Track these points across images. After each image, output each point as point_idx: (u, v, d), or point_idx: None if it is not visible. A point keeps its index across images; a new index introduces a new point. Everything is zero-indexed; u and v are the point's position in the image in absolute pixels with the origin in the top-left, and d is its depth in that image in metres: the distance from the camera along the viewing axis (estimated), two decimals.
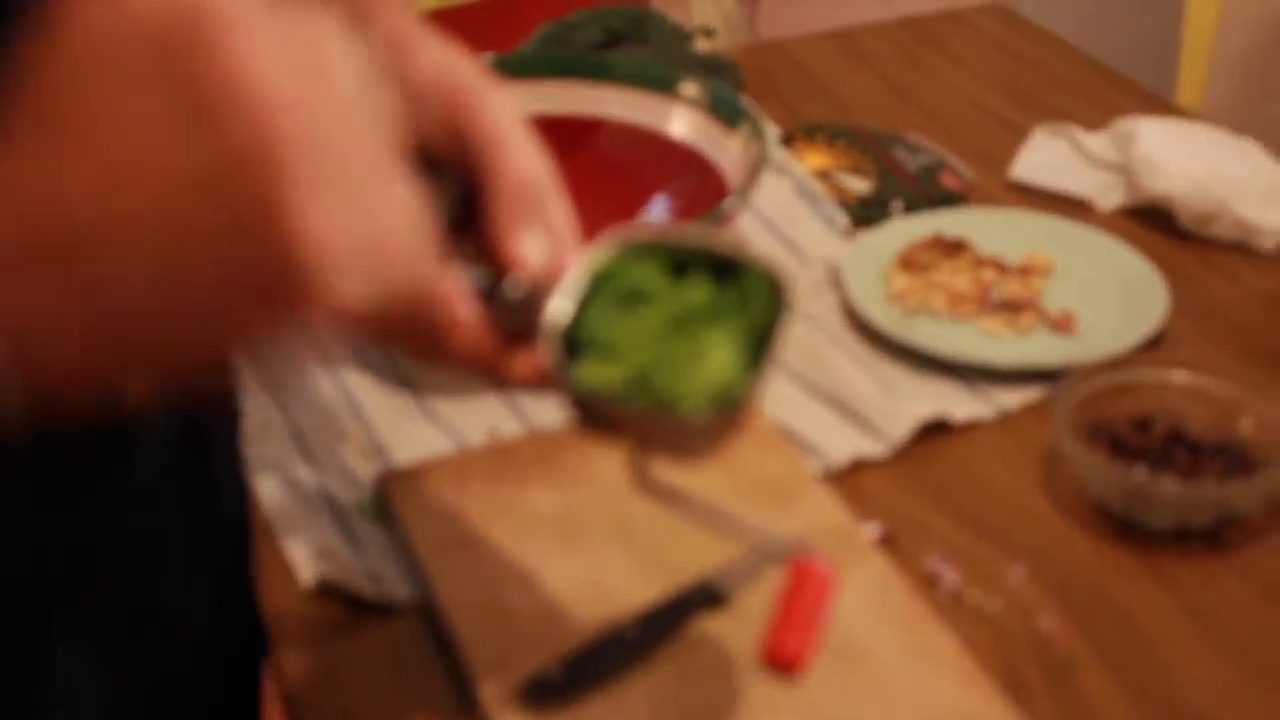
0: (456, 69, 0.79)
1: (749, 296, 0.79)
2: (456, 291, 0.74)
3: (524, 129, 0.78)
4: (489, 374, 0.78)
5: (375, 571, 1.09)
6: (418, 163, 0.79)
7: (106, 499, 0.79)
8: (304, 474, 1.18)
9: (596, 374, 0.78)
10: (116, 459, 0.78)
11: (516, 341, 0.78)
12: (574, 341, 0.78)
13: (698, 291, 0.79)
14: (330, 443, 1.22)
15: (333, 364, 1.29)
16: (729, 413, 0.76)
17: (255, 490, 1.15)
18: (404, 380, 1.27)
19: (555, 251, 0.78)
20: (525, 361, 0.77)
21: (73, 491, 0.76)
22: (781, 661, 0.82)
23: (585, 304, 0.79)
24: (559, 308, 0.78)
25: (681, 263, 0.80)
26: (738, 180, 1.34)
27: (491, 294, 0.77)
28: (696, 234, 0.80)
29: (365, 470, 1.18)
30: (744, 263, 0.79)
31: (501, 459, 1.16)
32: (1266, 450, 1.13)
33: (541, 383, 0.78)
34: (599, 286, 0.79)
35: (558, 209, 0.79)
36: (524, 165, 0.77)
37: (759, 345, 0.78)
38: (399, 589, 1.08)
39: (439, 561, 1.06)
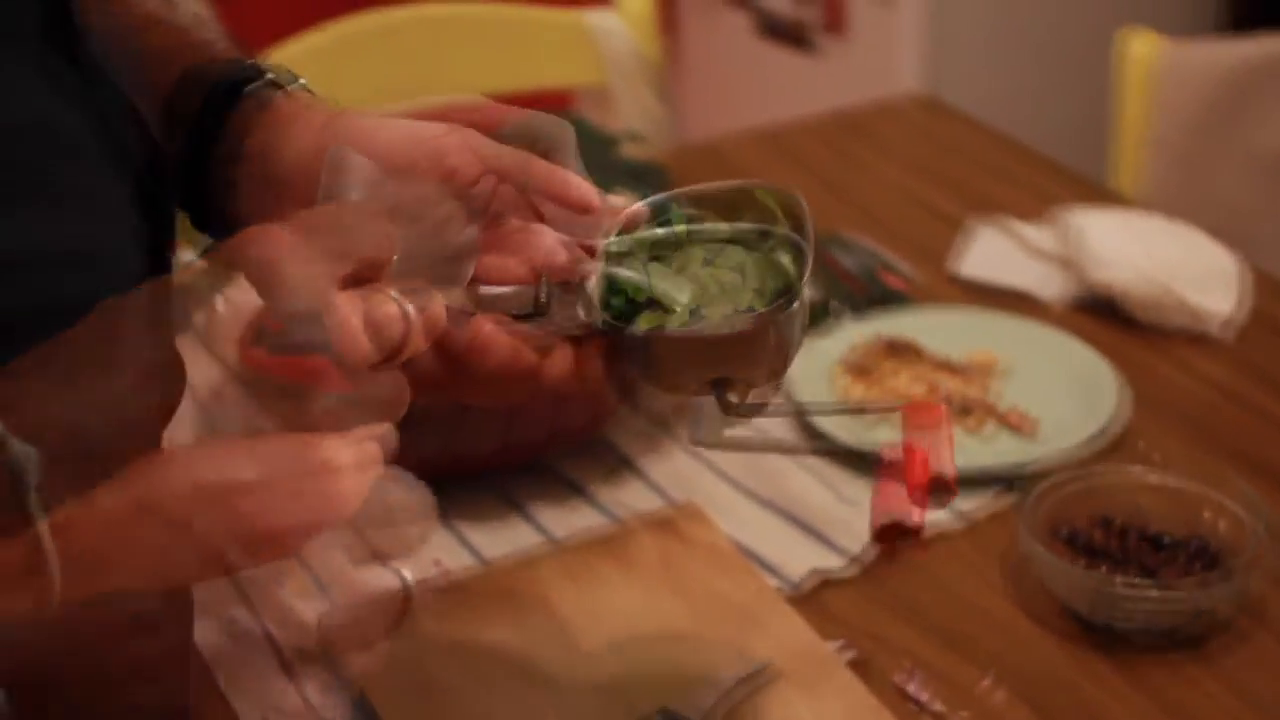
0: (421, 129, 0.80)
1: (764, 220, 0.83)
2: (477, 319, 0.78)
3: None
4: (530, 380, 0.79)
5: None
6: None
7: None
8: (243, 617, 1.13)
9: (655, 320, 0.80)
10: None
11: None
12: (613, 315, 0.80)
13: (718, 227, 0.83)
14: (268, 583, 1.17)
15: None
16: (794, 312, 0.78)
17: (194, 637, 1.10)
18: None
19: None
20: (560, 359, 0.79)
21: None
22: (941, 485, 0.79)
23: (614, 278, 0.81)
24: (597, 278, 0.80)
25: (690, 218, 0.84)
26: None
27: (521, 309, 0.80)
28: (690, 189, 0.84)
29: (308, 611, 1.13)
30: (749, 192, 0.83)
31: (452, 595, 1.11)
32: (1235, 547, 1.10)
33: (580, 376, 0.80)
34: (620, 260, 0.82)
35: None
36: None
37: (791, 258, 0.81)
38: None
39: (395, 709, 1.02)
